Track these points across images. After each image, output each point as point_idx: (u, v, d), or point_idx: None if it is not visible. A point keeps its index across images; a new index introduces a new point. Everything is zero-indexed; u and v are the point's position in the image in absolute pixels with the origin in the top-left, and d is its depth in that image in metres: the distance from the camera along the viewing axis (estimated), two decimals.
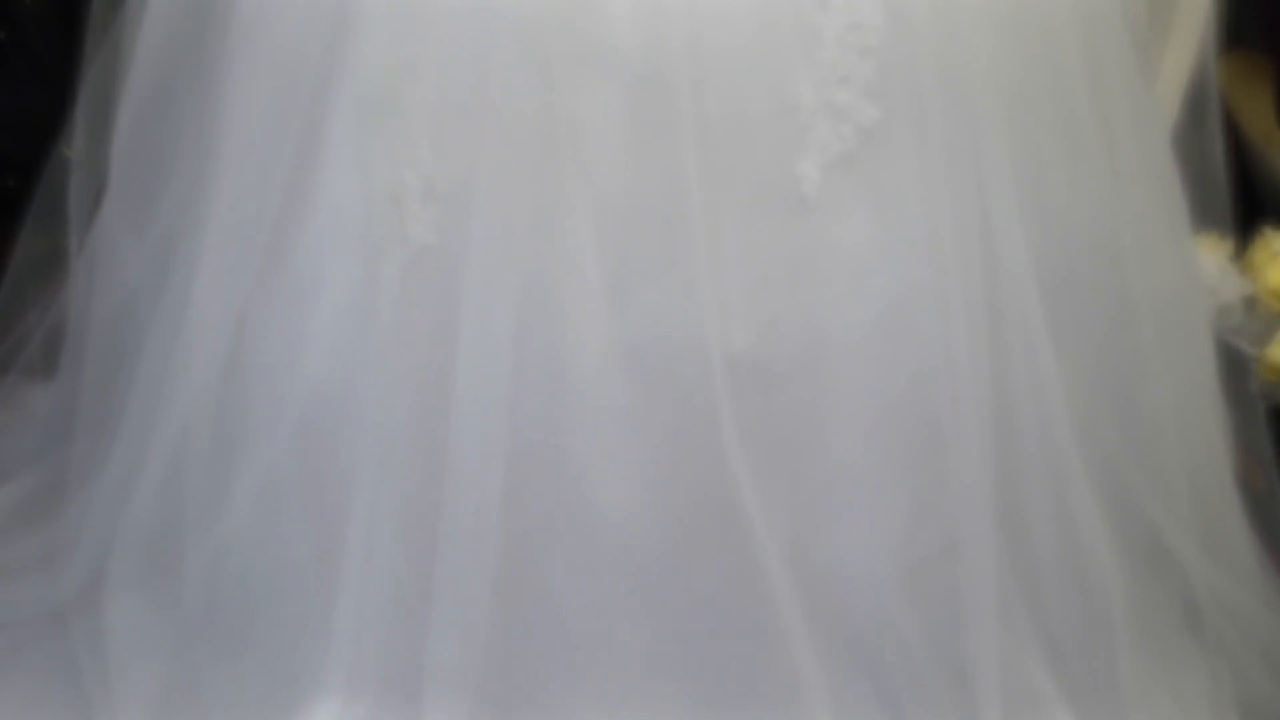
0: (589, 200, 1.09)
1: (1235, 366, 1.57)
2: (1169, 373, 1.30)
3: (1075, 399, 1.20)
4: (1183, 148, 1.40)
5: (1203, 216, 1.46)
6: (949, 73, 1.12)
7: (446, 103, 1.10)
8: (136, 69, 1.33)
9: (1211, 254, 1.75)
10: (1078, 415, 1.20)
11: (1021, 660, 1.17)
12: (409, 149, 1.11)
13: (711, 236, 1.09)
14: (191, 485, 1.24)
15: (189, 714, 1.19)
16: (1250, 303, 1.74)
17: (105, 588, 1.29)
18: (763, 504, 1.12)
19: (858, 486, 1.16)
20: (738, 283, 1.10)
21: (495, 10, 1.07)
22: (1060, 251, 1.23)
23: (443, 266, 1.11)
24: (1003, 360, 1.16)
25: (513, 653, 1.12)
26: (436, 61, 1.10)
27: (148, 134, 1.34)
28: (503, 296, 1.08)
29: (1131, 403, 1.29)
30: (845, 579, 1.14)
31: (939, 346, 1.14)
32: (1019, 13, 1.17)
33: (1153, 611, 1.25)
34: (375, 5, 1.12)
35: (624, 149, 1.08)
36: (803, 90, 1.09)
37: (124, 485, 1.31)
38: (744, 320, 1.11)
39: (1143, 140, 1.31)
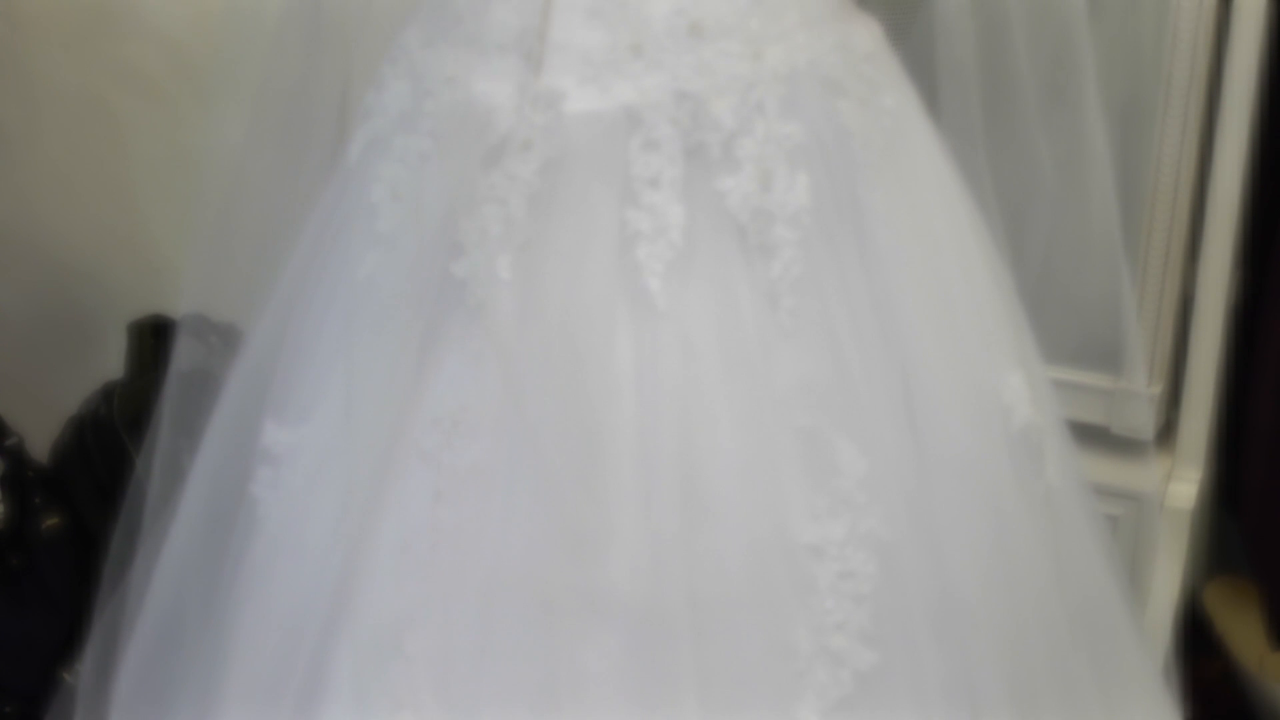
0: None
1: None
2: None
3: None
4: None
5: None
6: (942, 618, 1.15)
7: (449, 649, 1.12)
8: (148, 604, 1.36)
9: None
10: None
11: None
12: (411, 693, 1.12)
13: None
14: None
15: None
16: None
17: None
18: None
19: None
20: None
21: (499, 560, 1.11)
22: None
23: None
24: None
25: None
26: (440, 610, 1.13)
27: (154, 669, 1.36)
28: None
29: None
30: None
31: None
32: (1000, 529, 1.21)
33: None
34: (383, 558, 1.16)
35: (625, 695, 1.09)
36: (799, 636, 1.12)
37: None
38: None
39: (1138, 673, 1.33)
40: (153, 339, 2.14)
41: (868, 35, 1.22)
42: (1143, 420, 1.80)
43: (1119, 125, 1.93)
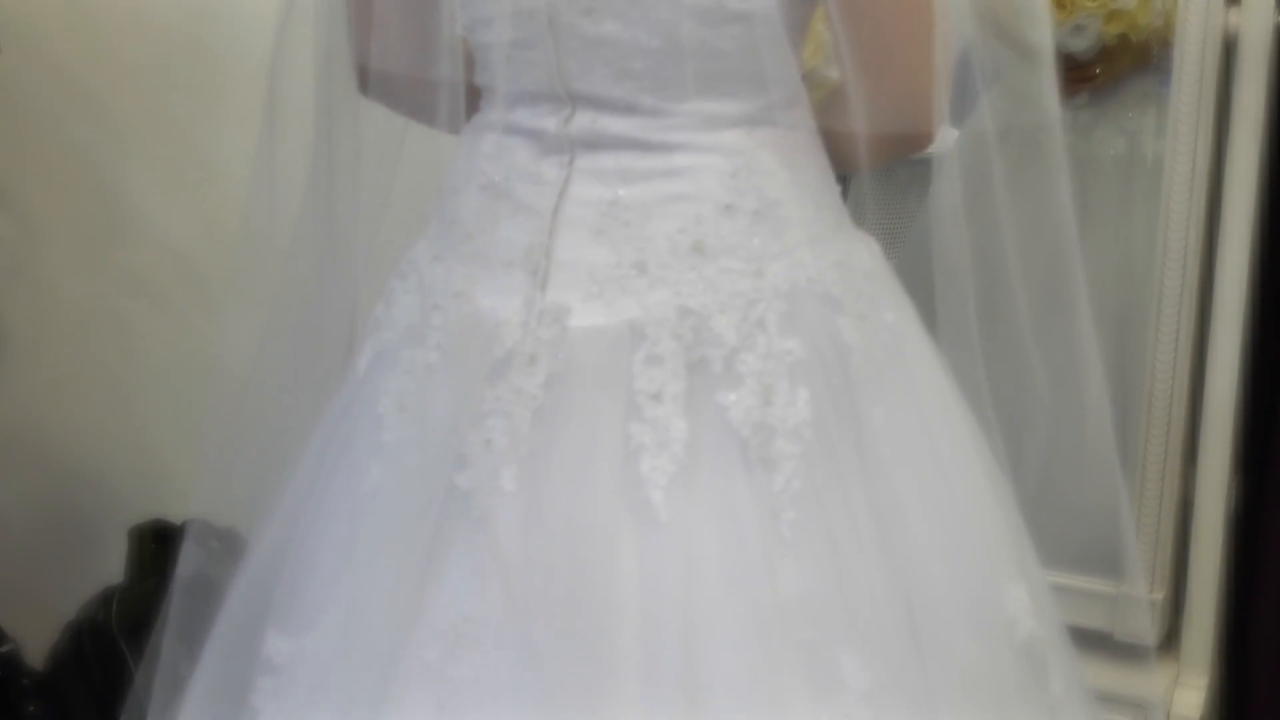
0: None
1: None
2: None
3: None
4: None
5: None
6: None
7: None
8: None
9: None
10: None
11: None
12: None
13: None
14: None
15: None
16: None
17: None
18: None
19: None
20: None
21: None
22: None
23: None
24: None
25: None
26: None
27: None
28: None
29: None
30: None
31: None
32: None
33: None
34: None
35: None
36: None
37: None
38: None
39: None
40: (153, 544, 2.14)
41: (867, 253, 1.25)
42: (1145, 626, 1.79)
43: (1113, 332, 1.97)
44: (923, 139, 1.23)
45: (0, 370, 2.40)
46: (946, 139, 1.27)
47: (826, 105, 1.24)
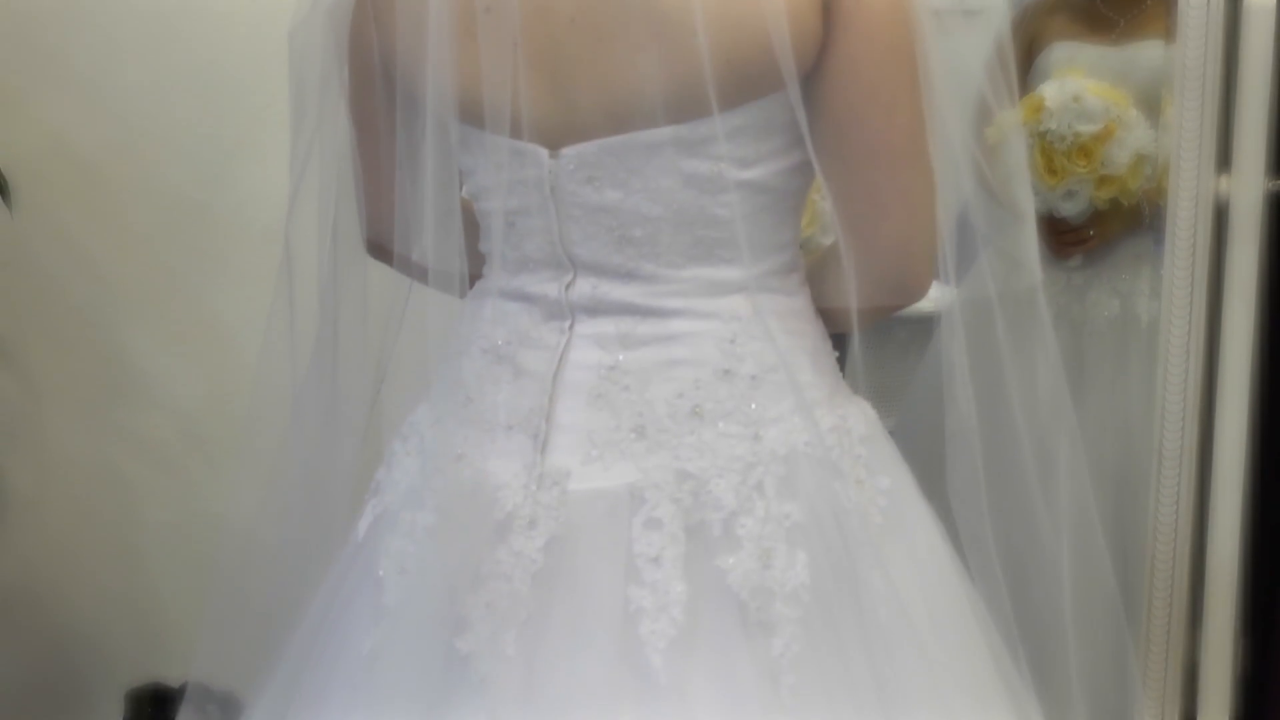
0: None
1: None
2: None
3: None
4: None
5: None
6: None
7: None
8: None
9: None
10: None
11: None
12: None
13: None
14: None
15: None
16: None
17: None
18: None
19: None
20: None
21: None
22: None
23: None
24: None
25: None
26: None
27: None
28: None
29: None
30: None
31: None
32: None
33: None
34: None
35: None
36: None
37: None
38: None
39: None
40: (150, 708, 2.12)
41: (862, 418, 1.26)
42: None
43: (1113, 494, 1.97)
44: (913, 298, 1.24)
45: (1, 529, 2.40)
46: (943, 294, 1.28)
47: (820, 267, 1.26)
